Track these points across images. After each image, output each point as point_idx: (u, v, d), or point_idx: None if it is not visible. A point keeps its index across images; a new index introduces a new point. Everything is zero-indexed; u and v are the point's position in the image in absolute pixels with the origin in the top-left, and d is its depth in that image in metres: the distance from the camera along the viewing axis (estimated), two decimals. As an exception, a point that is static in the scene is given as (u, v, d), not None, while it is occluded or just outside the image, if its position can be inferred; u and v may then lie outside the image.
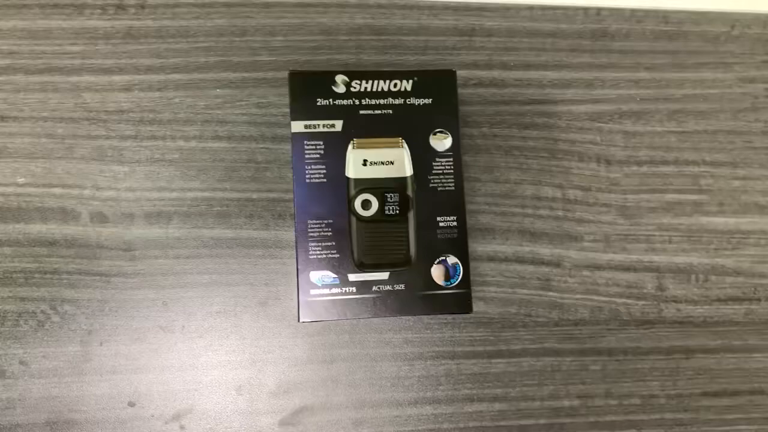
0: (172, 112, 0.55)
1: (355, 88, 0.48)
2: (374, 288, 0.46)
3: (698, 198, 0.58)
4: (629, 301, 0.56)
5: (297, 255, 0.46)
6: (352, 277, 0.46)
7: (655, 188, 0.57)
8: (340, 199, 0.47)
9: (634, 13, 0.60)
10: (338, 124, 0.47)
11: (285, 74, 0.56)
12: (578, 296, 0.55)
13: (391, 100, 0.48)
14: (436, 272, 0.46)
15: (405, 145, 0.47)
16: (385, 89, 0.48)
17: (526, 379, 0.54)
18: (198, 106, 0.55)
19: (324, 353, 0.53)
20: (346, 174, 0.47)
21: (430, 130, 0.48)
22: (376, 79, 0.48)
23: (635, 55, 0.60)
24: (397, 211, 0.47)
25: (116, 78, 0.55)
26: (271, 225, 0.54)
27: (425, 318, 0.54)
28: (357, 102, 0.47)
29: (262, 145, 0.55)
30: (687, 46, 0.60)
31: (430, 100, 0.48)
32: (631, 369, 0.55)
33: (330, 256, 0.46)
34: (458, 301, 0.46)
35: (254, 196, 0.54)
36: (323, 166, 0.47)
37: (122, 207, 0.53)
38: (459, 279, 0.46)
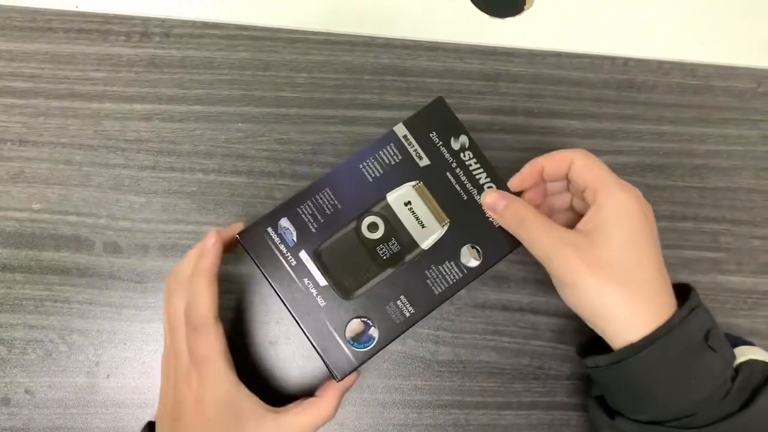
0: (192, 144, 0.55)
1: (465, 156, 0.47)
2: (306, 281, 0.44)
3: (716, 256, 0.57)
4: (642, 357, 0.55)
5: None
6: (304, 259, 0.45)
7: (674, 244, 0.57)
8: (355, 200, 0.45)
9: (661, 65, 0.60)
10: (425, 162, 0.46)
11: (307, 111, 0.56)
12: (591, 350, 0.55)
13: (473, 191, 0.46)
14: (353, 325, 0.44)
15: (445, 228, 0.46)
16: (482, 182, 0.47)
17: (535, 433, 0.54)
18: (219, 139, 0.55)
19: (332, 396, 0.52)
20: (387, 195, 0.46)
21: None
22: (483, 167, 0.47)
23: (660, 107, 0.59)
24: (385, 257, 0.45)
25: (137, 107, 0.55)
26: (285, 263, 0.53)
27: (435, 365, 0.53)
28: (455, 164, 0.46)
29: (281, 182, 0.55)
30: (712, 101, 0.60)
31: None
32: (640, 426, 0.55)
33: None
34: (340, 361, 0.44)
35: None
36: (379, 168, 0.46)
37: (137, 238, 0.53)
38: (364, 351, 0.44)
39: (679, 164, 0.58)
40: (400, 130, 0.47)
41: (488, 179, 0.46)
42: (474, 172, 0.46)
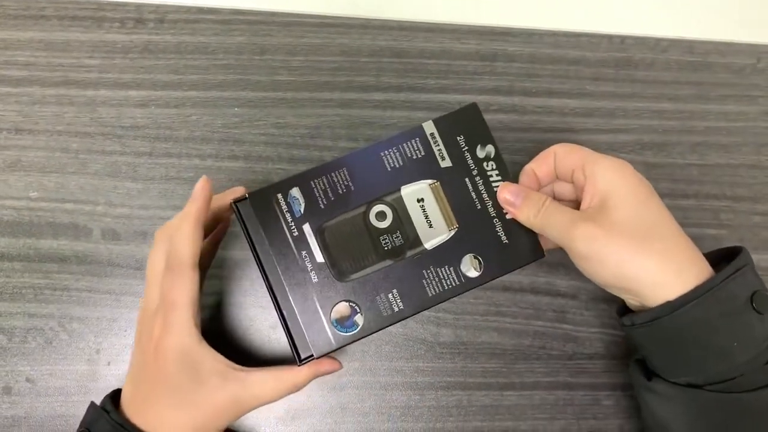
0: (188, 129, 0.54)
1: (487, 166, 0.46)
2: (303, 254, 0.43)
3: (718, 233, 0.57)
4: (645, 336, 0.55)
5: None
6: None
7: (675, 222, 0.56)
8: (369, 186, 0.45)
9: (659, 42, 0.60)
10: (447, 163, 0.46)
11: (304, 95, 0.55)
12: (594, 330, 0.55)
13: (488, 203, 0.46)
14: (341, 308, 0.43)
15: (452, 233, 0.45)
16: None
17: (538, 413, 0.53)
18: (215, 125, 0.54)
19: (333, 380, 0.52)
20: (402, 187, 0.45)
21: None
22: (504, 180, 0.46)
23: (659, 85, 0.59)
24: (387, 248, 0.45)
25: (133, 93, 0.55)
26: (284, 247, 0.53)
27: (437, 347, 0.53)
28: (476, 172, 0.46)
29: (278, 166, 0.54)
30: (711, 77, 0.59)
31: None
32: (644, 405, 0.54)
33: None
34: (320, 340, 0.43)
35: (269, 217, 0.53)
36: (400, 160, 0.45)
37: (135, 225, 0.53)
38: (345, 335, 0.43)
39: (679, 142, 0.58)
40: (429, 127, 0.46)
41: None
42: (493, 184, 0.46)
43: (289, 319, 0.43)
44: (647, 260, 0.39)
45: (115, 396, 0.44)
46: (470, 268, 0.45)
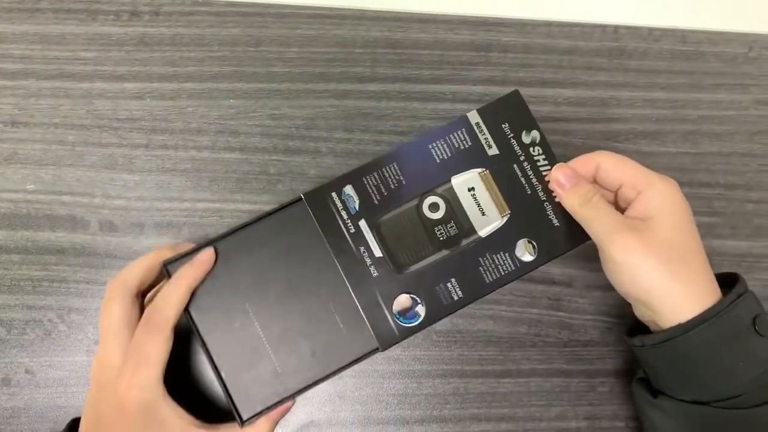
0: (184, 121, 0.55)
1: (534, 151, 0.46)
2: (362, 249, 0.44)
3: (711, 220, 0.57)
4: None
5: None
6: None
7: (668, 210, 0.57)
8: (420, 179, 0.46)
9: (651, 32, 0.60)
10: (494, 151, 0.46)
11: (299, 86, 0.56)
12: (588, 317, 0.55)
13: (538, 187, 0.46)
14: (402, 300, 0.44)
15: (505, 219, 0.45)
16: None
17: (534, 400, 0.54)
18: (211, 116, 0.55)
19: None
20: (452, 177, 0.46)
21: None
22: (551, 165, 0.46)
23: (652, 74, 0.59)
24: (442, 238, 0.45)
25: (128, 85, 0.55)
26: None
27: (434, 335, 0.54)
28: (523, 158, 0.46)
29: (274, 157, 0.55)
30: (704, 66, 0.60)
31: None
32: (639, 391, 0.55)
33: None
34: (385, 332, 0.44)
35: (266, 208, 0.53)
36: (448, 151, 0.46)
37: (132, 216, 0.53)
38: (408, 327, 0.44)
39: (672, 130, 0.58)
40: (473, 116, 0.47)
41: None
42: (541, 169, 0.46)
43: (228, 378, 0.43)
44: (675, 283, 0.41)
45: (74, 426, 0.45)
46: (525, 252, 0.45)
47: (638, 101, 0.59)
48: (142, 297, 0.45)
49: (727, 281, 0.44)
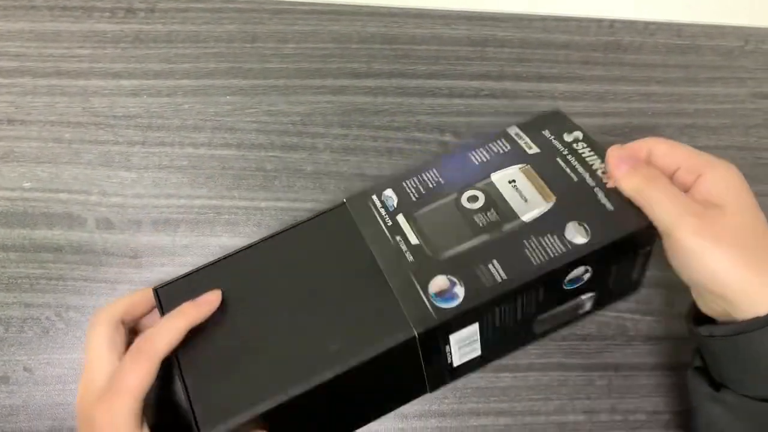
0: (181, 118, 0.55)
1: (578, 146, 0.46)
2: (398, 238, 0.44)
3: (708, 214, 0.57)
4: (637, 316, 0.55)
5: None
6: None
7: (665, 203, 0.57)
8: (459, 178, 0.46)
9: (647, 26, 0.60)
10: (534, 150, 0.46)
11: (295, 82, 0.56)
12: (586, 311, 0.55)
13: (585, 174, 0.45)
14: (438, 281, 0.42)
15: (550, 206, 0.44)
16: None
17: (532, 394, 0.54)
18: (207, 113, 0.55)
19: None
20: (492, 174, 0.45)
21: None
22: (597, 154, 0.45)
23: (647, 68, 0.59)
24: (481, 224, 0.44)
25: (125, 83, 0.55)
26: (278, 234, 0.54)
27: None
28: (566, 152, 0.46)
29: (271, 154, 0.55)
30: (700, 60, 0.60)
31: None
32: (637, 384, 0.55)
33: None
34: (419, 313, 0.41)
35: (263, 204, 0.54)
36: (486, 155, 0.46)
37: (129, 214, 0.53)
38: (447, 308, 0.41)
39: (669, 124, 0.59)
40: (513, 129, 0.47)
41: (603, 164, 0.45)
42: (587, 158, 0.45)
43: (192, 390, 0.41)
44: (749, 273, 0.39)
45: None
46: (576, 234, 0.42)
47: (634, 95, 0.59)
48: (132, 332, 0.44)
49: None
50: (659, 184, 0.41)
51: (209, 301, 0.42)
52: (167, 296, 0.43)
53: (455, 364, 0.44)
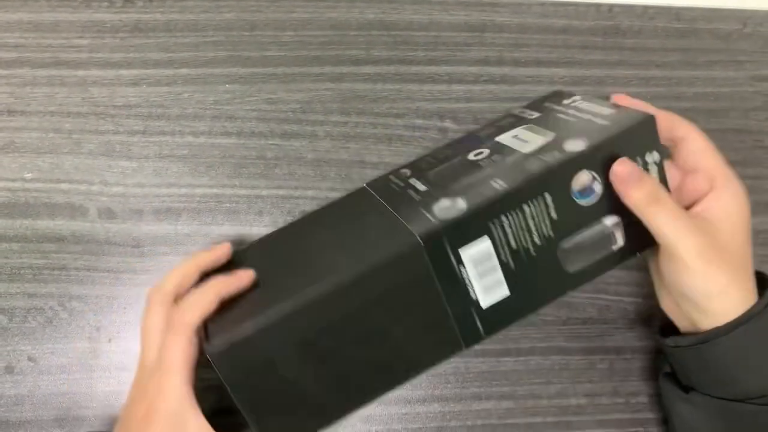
0: (180, 107, 0.54)
1: (579, 103, 0.47)
2: (409, 191, 0.46)
3: (707, 197, 0.58)
4: (638, 299, 0.56)
5: None
6: None
7: (665, 187, 0.57)
8: (467, 146, 0.49)
9: (646, 10, 0.60)
10: (535, 114, 0.49)
11: (294, 70, 0.56)
12: (587, 295, 0.55)
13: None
14: (442, 202, 0.42)
15: (550, 139, 0.44)
16: None
17: (534, 378, 0.54)
18: (207, 102, 0.55)
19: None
20: (496, 138, 0.48)
21: None
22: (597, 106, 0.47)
23: (646, 52, 0.59)
24: (486, 165, 0.45)
25: (124, 72, 0.55)
26: (280, 222, 0.54)
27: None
28: (568, 110, 0.47)
29: (271, 142, 0.55)
30: (699, 43, 0.60)
31: None
32: (638, 367, 0.55)
33: None
34: (415, 223, 0.41)
35: (264, 192, 0.54)
36: (492, 129, 0.50)
37: (130, 203, 0.53)
38: (450, 219, 0.40)
39: (668, 108, 0.57)
40: (516, 109, 0.52)
41: (605, 106, 0.45)
42: (587, 108, 0.46)
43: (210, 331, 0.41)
44: (733, 289, 0.42)
45: None
46: (574, 145, 0.41)
47: (633, 79, 0.59)
48: None
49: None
50: (664, 202, 0.41)
51: (240, 277, 0.43)
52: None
53: (482, 302, 0.42)
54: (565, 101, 0.48)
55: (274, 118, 0.55)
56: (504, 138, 0.47)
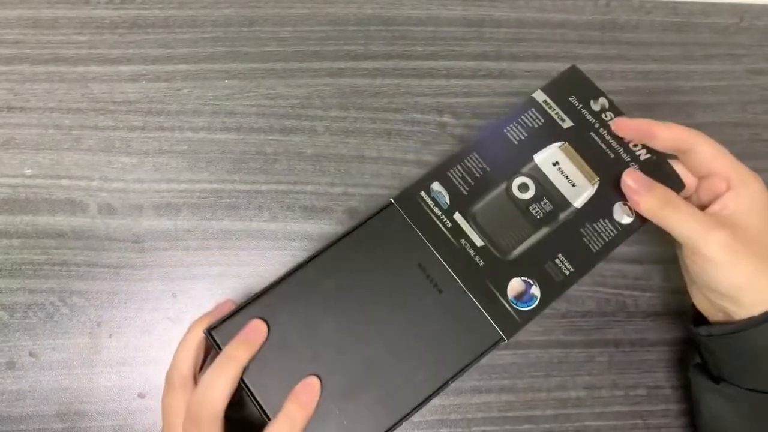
0: (180, 103, 0.55)
1: (606, 117, 0.46)
2: (462, 241, 0.44)
3: (705, 190, 0.58)
4: (636, 293, 0.56)
5: None
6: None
7: (663, 180, 0.57)
8: (502, 163, 0.46)
9: (643, 4, 0.60)
10: (568, 123, 0.46)
11: (293, 65, 0.56)
12: (585, 288, 0.56)
13: (619, 149, 0.46)
14: (515, 284, 0.43)
15: (596, 186, 0.45)
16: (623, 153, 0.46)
17: (534, 371, 0.54)
18: (206, 97, 0.55)
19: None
20: (534, 155, 0.46)
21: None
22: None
23: (644, 46, 0.60)
24: (538, 216, 0.45)
25: (123, 68, 0.55)
26: (279, 217, 0.54)
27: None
28: (598, 125, 0.46)
29: (271, 137, 0.55)
30: (696, 37, 0.60)
31: None
32: (637, 360, 0.55)
33: None
34: (505, 321, 0.43)
35: (263, 188, 0.54)
36: (523, 132, 0.46)
37: (131, 199, 0.53)
38: (527, 310, 0.43)
39: (666, 102, 0.59)
40: (539, 95, 0.47)
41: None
42: (616, 143, 0.46)
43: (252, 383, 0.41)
44: (759, 279, 0.42)
45: None
46: (623, 215, 0.44)
47: (631, 74, 0.59)
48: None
49: None
50: (677, 204, 0.42)
51: (256, 336, 0.41)
52: (223, 336, 0.41)
53: None
54: (593, 105, 0.47)
55: (273, 114, 0.55)
56: (543, 161, 0.46)
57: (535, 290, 0.43)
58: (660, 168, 0.45)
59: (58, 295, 0.52)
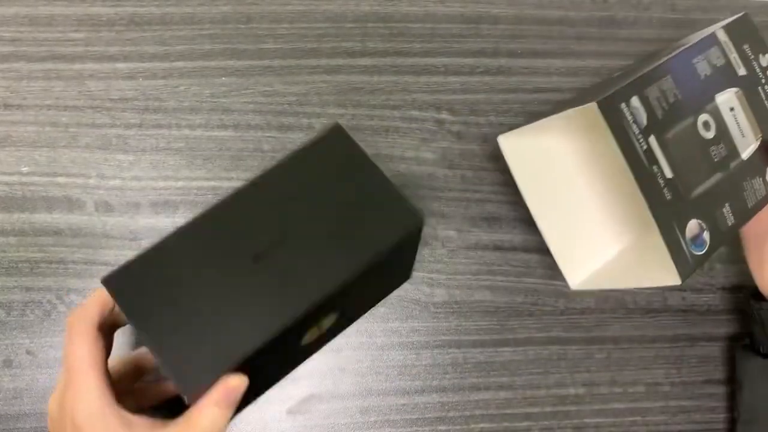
0: (177, 100, 0.55)
1: None
2: (654, 168, 0.42)
3: (704, 187, 0.58)
4: (634, 289, 0.56)
5: None
6: None
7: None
8: (691, 95, 0.45)
9: (641, 0, 0.60)
10: (742, 71, 0.46)
11: (291, 62, 0.56)
12: (584, 285, 0.55)
13: None
14: (692, 226, 0.42)
15: (758, 142, 0.45)
16: None
17: (532, 368, 0.54)
18: (203, 95, 0.55)
19: (331, 342, 0.53)
20: (716, 96, 0.46)
21: None
22: None
23: (642, 43, 0.60)
24: (716, 159, 0.44)
25: (120, 65, 0.55)
26: (277, 214, 0.54)
27: (431, 307, 0.54)
28: (764, 80, 0.47)
29: (268, 134, 0.55)
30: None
31: None
32: (635, 357, 0.55)
33: None
34: (682, 261, 0.41)
35: (261, 185, 0.54)
36: (708, 68, 0.46)
37: (128, 196, 0.53)
38: (699, 255, 0.42)
39: (663, 98, 0.59)
40: (722, 35, 0.46)
41: None
42: None
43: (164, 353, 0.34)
44: None
45: None
46: None
47: (629, 70, 0.59)
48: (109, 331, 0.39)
49: None
50: None
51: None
52: (120, 285, 0.35)
53: None
54: (762, 60, 0.47)
55: (270, 111, 0.55)
56: (723, 103, 0.45)
57: (707, 235, 0.42)
58: None
59: (55, 293, 0.52)
